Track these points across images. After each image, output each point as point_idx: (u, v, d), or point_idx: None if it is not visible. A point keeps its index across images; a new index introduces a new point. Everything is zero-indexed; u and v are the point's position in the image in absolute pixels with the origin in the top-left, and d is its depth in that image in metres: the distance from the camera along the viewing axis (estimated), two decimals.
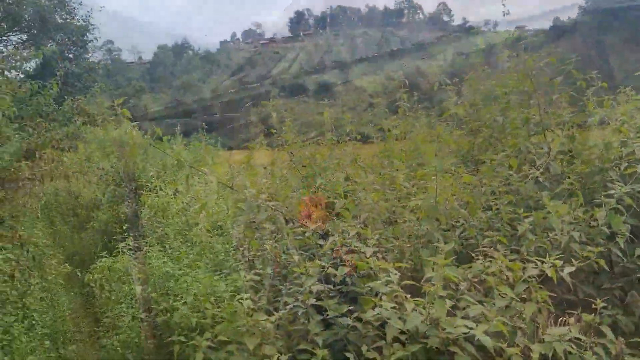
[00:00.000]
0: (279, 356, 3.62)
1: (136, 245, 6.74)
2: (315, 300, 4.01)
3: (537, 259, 3.49)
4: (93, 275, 5.48)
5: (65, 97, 9.08)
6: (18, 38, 20.87)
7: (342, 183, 4.32)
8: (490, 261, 3.29)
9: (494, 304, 3.12)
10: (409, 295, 2.99)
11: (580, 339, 3.02)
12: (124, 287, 5.41)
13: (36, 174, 6.58)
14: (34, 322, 7.06)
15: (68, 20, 21.41)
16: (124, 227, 9.93)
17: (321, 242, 3.76)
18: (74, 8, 22.25)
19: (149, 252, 5.74)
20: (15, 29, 20.60)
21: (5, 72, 9.35)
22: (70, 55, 21.18)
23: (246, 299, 3.84)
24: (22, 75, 11.22)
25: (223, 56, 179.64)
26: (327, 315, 4.00)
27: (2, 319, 6.20)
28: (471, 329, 2.78)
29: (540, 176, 4.97)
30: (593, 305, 3.38)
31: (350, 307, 3.58)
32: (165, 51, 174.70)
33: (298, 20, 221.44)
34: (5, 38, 20.51)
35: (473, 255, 3.55)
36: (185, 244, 6.84)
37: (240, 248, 5.48)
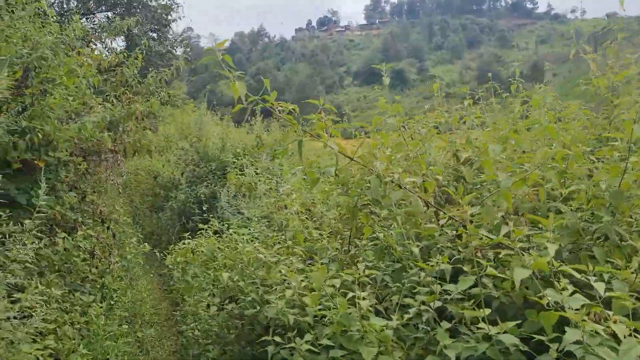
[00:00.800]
0: None
1: (220, 227, 6.22)
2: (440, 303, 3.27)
3: None
4: (175, 257, 4.98)
5: (149, 69, 8.67)
6: (104, 15, 21.13)
7: (494, 159, 3.44)
8: None
9: None
10: (611, 313, 2.16)
11: None
12: (208, 274, 4.86)
13: (119, 146, 6.17)
14: (112, 302, 6.74)
15: None
16: (204, 208, 9.56)
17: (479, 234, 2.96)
18: None
19: (233, 235, 5.17)
20: (102, 7, 20.88)
21: (90, 44, 9.13)
22: (154, 35, 21.26)
23: (364, 298, 3.13)
24: (108, 53, 11.00)
25: (298, 43, 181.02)
26: (456, 323, 3.24)
27: (81, 298, 5.86)
28: None
29: None
30: None
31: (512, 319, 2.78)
32: (242, 38, 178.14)
33: (374, 7, 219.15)
34: (91, 16, 20.80)
35: None
36: (271, 228, 6.26)
37: (337, 236, 4.81)
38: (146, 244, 8.20)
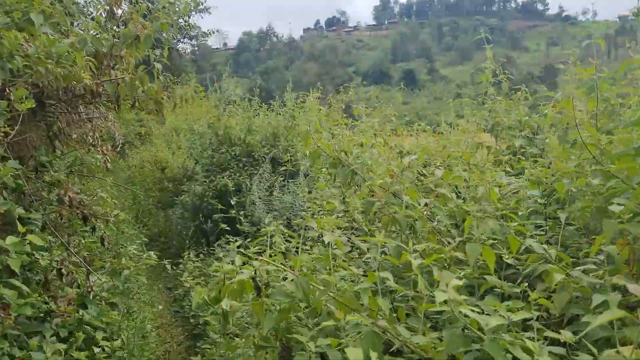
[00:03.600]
0: None
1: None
2: None
3: None
4: (216, 293, 2.36)
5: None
6: None
7: None
8: None
9: None
10: None
11: None
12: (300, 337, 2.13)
13: (108, 85, 3.53)
14: (94, 353, 4.10)
15: None
16: (233, 202, 6.92)
17: None
18: None
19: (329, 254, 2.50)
20: None
21: None
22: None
23: None
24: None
25: (306, 43, 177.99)
26: None
27: (41, 347, 3.25)
28: None
29: None
30: None
31: None
32: (250, 37, 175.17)
33: (383, 8, 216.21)
34: None
35: None
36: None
37: None
38: (152, 253, 5.55)
